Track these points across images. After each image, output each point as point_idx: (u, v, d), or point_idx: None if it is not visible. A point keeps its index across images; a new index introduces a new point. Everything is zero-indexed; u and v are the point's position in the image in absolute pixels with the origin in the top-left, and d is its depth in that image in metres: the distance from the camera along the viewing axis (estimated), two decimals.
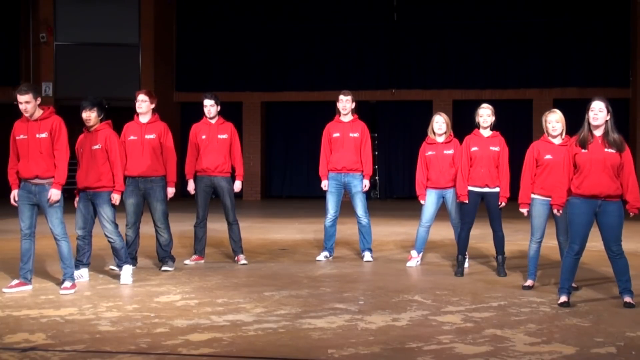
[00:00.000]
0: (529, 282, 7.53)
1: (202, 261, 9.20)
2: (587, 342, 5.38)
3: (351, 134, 9.37)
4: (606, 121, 6.52)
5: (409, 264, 8.99)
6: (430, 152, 8.85)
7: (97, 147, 7.70)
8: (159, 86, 19.97)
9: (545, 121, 7.60)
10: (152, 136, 8.60)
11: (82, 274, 7.92)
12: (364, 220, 9.41)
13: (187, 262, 9.11)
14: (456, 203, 8.67)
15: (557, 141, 7.54)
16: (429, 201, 8.88)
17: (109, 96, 18.05)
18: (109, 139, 7.75)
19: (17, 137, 7.31)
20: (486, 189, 8.19)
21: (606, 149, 6.51)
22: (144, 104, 8.66)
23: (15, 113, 7.26)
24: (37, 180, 7.22)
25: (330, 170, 9.44)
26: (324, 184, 9.46)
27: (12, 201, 7.41)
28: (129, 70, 20.07)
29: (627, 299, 6.57)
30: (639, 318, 6.17)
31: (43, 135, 7.20)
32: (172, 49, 21.56)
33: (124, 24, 20.11)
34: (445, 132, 8.82)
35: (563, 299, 6.63)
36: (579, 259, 6.68)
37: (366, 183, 9.44)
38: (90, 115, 7.72)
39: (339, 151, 9.39)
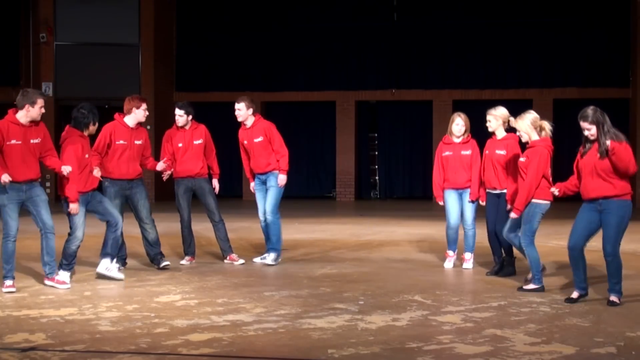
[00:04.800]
0: (530, 283, 7.52)
1: (194, 261, 9.19)
2: (587, 342, 5.38)
3: (255, 140, 9.09)
4: (599, 130, 6.54)
5: (445, 264, 8.83)
6: (447, 153, 8.70)
7: (87, 155, 7.88)
8: (159, 86, 19.94)
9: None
10: (140, 142, 8.69)
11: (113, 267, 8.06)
12: (270, 217, 9.11)
13: (183, 262, 9.13)
14: (469, 204, 8.64)
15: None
16: (451, 202, 8.71)
17: (108, 96, 18.17)
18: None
19: (8, 142, 7.17)
20: (497, 191, 8.15)
21: (598, 155, 6.58)
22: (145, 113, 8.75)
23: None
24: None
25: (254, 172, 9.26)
26: (252, 186, 9.32)
27: None
28: (129, 70, 20.03)
29: (612, 297, 6.66)
30: (639, 318, 6.18)
31: (36, 140, 7.33)
32: (172, 49, 21.53)
33: (124, 24, 20.07)
34: (464, 134, 8.75)
35: (574, 294, 6.81)
36: (574, 255, 6.75)
37: (282, 178, 9.06)
38: (95, 129, 7.92)
39: (253, 158, 9.16)
